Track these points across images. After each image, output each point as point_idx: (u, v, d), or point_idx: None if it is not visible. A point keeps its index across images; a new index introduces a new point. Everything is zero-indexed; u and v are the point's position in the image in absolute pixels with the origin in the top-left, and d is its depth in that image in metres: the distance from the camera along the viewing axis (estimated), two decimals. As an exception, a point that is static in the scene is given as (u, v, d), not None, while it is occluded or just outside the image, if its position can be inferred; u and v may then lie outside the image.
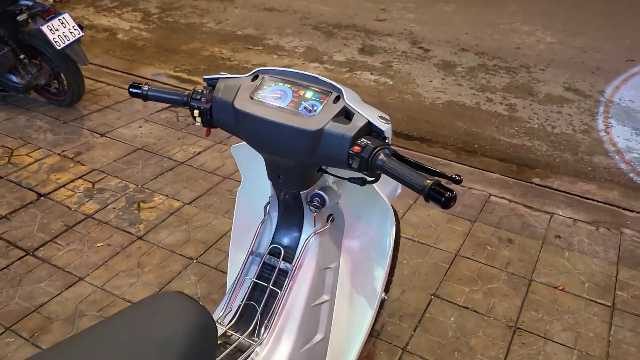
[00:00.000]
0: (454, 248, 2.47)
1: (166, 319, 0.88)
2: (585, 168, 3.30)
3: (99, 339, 0.84)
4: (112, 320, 0.87)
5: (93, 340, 0.84)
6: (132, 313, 0.89)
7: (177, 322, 0.87)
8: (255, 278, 1.23)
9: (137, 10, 5.82)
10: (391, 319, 2.07)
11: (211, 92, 1.16)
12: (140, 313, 0.89)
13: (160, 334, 0.85)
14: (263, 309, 1.20)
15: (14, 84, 3.36)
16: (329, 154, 1.03)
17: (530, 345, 1.99)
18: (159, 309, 0.90)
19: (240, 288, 1.23)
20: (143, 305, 0.90)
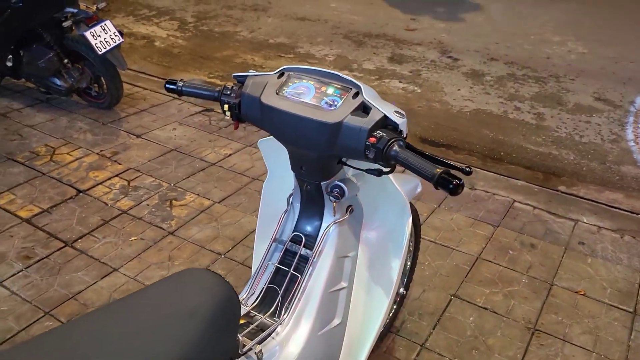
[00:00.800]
0: (475, 251, 2.50)
1: (193, 292, 0.96)
2: (612, 177, 3.28)
3: (130, 308, 0.92)
4: (143, 292, 0.95)
5: (125, 309, 0.92)
6: (162, 286, 0.98)
7: (204, 295, 0.95)
8: (277, 263, 1.31)
9: (174, 19, 6.03)
10: (411, 317, 2.12)
11: (240, 88, 1.25)
12: (170, 286, 0.98)
13: (187, 305, 0.93)
14: (284, 292, 1.28)
15: (58, 87, 3.54)
16: (348, 145, 1.11)
17: (548, 346, 2.01)
18: (187, 282, 0.98)
19: (263, 273, 1.32)
20: (172, 279, 0.99)
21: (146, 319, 0.90)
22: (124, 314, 0.91)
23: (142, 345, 0.84)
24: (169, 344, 0.85)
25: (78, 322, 0.87)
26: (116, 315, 0.91)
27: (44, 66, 3.44)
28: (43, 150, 3.20)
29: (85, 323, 0.87)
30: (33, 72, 3.54)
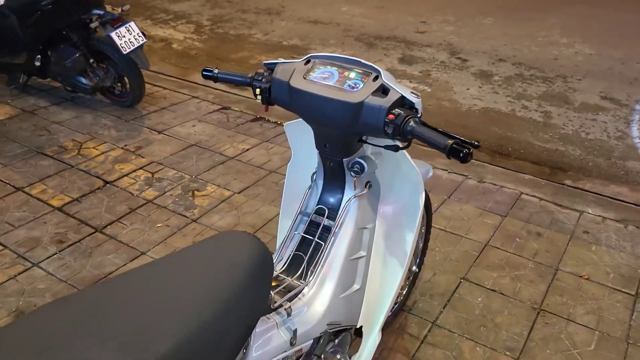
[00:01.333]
0: (484, 239, 2.62)
1: (233, 249, 1.09)
2: (617, 172, 3.39)
3: (176, 262, 1.05)
4: (187, 249, 1.09)
5: (171, 263, 1.05)
6: (204, 244, 1.11)
7: (242, 252, 1.08)
8: (303, 233, 1.44)
9: (191, 22, 6.21)
10: (422, 297, 2.24)
11: (270, 74, 1.39)
12: (211, 244, 1.11)
13: (228, 260, 1.06)
14: (309, 258, 1.41)
15: (83, 85, 3.71)
16: (369, 122, 1.24)
17: (553, 325, 2.12)
18: (227, 242, 1.12)
19: (290, 242, 1.45)
20: (213, 239, 1.12)
21: (190, 272, 1.03)
22: (171, 267, 1.04)
23: (187, 294, 0.96)
24: (212, 293, 0.97)
25: (129, 274, 1.00)
26: (163, 269, 1.04)
27: (71, 65, 3.61)
28: (70, 144, 3.37)
29: (136, 276, 1.00)
30: (60, 71, 3.71)
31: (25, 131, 3.51)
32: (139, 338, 0.85)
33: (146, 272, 1.02)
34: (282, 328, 1.25)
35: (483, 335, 2.07)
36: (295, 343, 1.27)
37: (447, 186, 3.04)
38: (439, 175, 3.15)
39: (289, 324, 1.27)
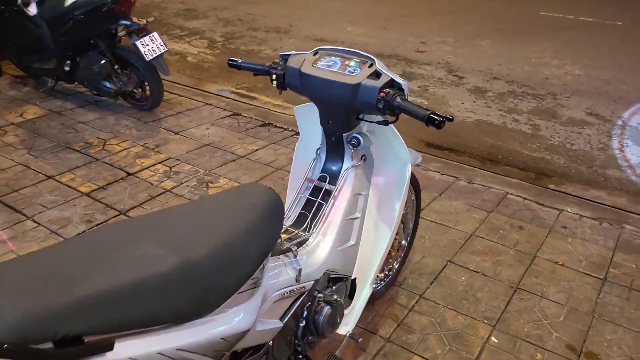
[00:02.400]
0: (470, 230, 2.89)
1: (252, 194, 1.37)
2: (598, 178, 3.67)
3: (206, 202, 1.33)
4: (215, 195, 1.37)
5: (202, 203, 1.33)
6: (228, 191, 1.39)
7: (260, 196, 1.36)
8: (308, 195, 1.73)
9: (204, 38, 6.59)
10: (412, 275, 2.51)
11: (284, 63, 1.69)
12: (234, 191, 1.39)
13: (249, 200, 1.34)
14: (312, 216, 1.69)
15: (108, 89, 4.04)
16: (364, 100, 1.54)
17: (527, 300, 2.38)
18: (247, 189, 1.40)
19: (297, 203, 1.73)
20: (235, 188, 1.41)
21: (220, 207, 1.31)
22: (204, 204, 1.32)
23: (218, 221, 1.24)
24: (235, 223, 1.25)
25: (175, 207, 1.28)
26: (199, 205, 1.32)
27: (98, 71, 3.95)
28: (95, 141, 3.68)
29: (180, 208, 1.28)
30: (87, 76, 4.04)
31: (54, 129, 3.82)
32: (184, 244, 1.13)
33: (187, 206, 1.31)
34: (289, 267, 1.52)
35: (464, 306, 2.33)
36: (299, 280, 1.54)
37: (439, 186, 3.33)
38: (432, 176, 3.44)
39: (295, 264, 1.54)
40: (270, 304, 1.43)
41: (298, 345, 1.63)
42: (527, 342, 2.15)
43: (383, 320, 2.23)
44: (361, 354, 2.06)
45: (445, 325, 2.22)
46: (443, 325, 2.22)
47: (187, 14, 7.81)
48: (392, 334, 2.16)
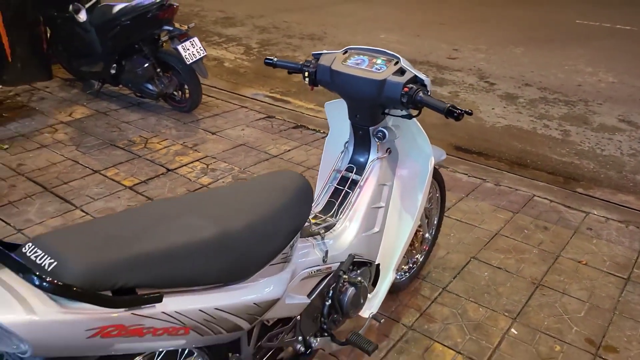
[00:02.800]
0: (495, 229, 2.96)
1: (284, 179, 1.51)
2: (627, 184, 3.68)
3: (245, 184, 1.48)
4: (253, 178, 1.51)
5: (241, 185, 1.47)
6: (263, 175, 1.53)
7: (292, 182, 1.49)
8: (336, 185, 1.86)
9: (241, 45, 6.81)
10: (435, 269, 2.60)
11: (316, 62, 1.83)
12: (268, 176, 1.53)
13: (282, 183, 1.48)
14: (339, 204, 1.81)
15: (150, 91, 4.27)
16: (389, 95, 1.66)
17: (549, 296, 2.44)
18: (280, 175, 1.54)
19: (325, 191, 1.86)
20: (272, 173, 1.54)
21: (256, 188, 1.45)
22: (242, 186, 1.46)
23: (254, 200, 1.38)
24: (269, 202, 1.39)
25: (215, 189, 1.43)
26: (237, 186, 1.46)
27: (141, 74, 4.18)
28: (138, 139, 3.89)
29: (220, 189, 1.43)
30: (131, 78, 4.28)
31: (100, 128, 4.07)
32: (223, 218, 1.28)
33: (227, 187, 1.45)
34: (316, 248, 1.65)
35: (486, 300, 2.41)
36: (326, 261, 1.66)
37: (466, 187, 3.40)
38: (459, 178, 3.52)
39: (322, 246, 1.67)
40: (298, 280, 1.56)
41: (324, 323, 1.75)
42: (547, 335, 2.21)
43: (406, 310, 2.33)
44: (384, 339, 2.16)
45: (467, 316, 2.30)
46: (464, 316, 2.30)
47: (225, 21, 8.08)
48: (415, 322, 2.26)
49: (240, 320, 1.30)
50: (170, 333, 1.15)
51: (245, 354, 1.46)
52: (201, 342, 1.26)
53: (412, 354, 2.10)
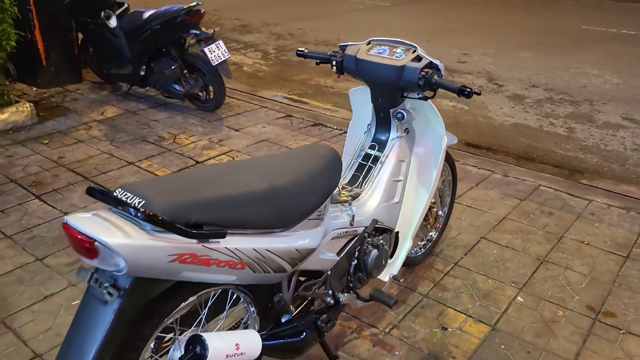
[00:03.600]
0: (503, 214, 3.18)
1: (319, 151, 1.75)
2: (630, 175, 3.88)
3: (284, 153, 1.72)
4: (291, 149, 1.75)
5: (281, 154, 1.72)
6: (301, 147, 1.77)
7: (324, 152, 1.73)
8: (360, 160, 2.10)
9: (258, 50, 7.10)
10: (448, 247, 2.82)
11: (342, 52, 2.08)
12: (305, 148, 1.78)
13: (315, 154, 1.72)
14: (363, 177, 2.05)
15: (177, 92, 4.54)
16: (408, 79, 1.90)
17: (552, 270, 2.66)
18: (315, 147, 1.78)
19: (351, 166, 2.10)
20: (306, 146, 1.79)
21: (295, 156, 1.69)
22: (282, 155, 1.71)
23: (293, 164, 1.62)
24: (306, 167, 1.63)
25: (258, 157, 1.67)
26: (278, 156, 1.71)
27: (169, 75, 4.46)
28: (167, 135, 4.16)
29: (263, 157, 1.67)
30: (160, 79, 4.56)
31: (131, 125, 4.34)
32: (272, 175, 1.52)
33: (271, 155, 1.70)
34: (344, 213, 1.89)
35: (494, 273, 2.62)
36: (352, 224, 1.90)
37: (476, 178, 3.63)
38: (469, 170, 3.74)
39: (349, 211, 1.91)
40: (329, 239, 1.80)
41: (350, 281, 1.99)
42: (550, 302, 2.42)
43: (421, 281, 2.55)
44: (402, 305, 2.39)
45: (477, 287, 2.52)
46: (474, 286, 2.52)
47: (242, 29, 8.40)
48: (429, 291, 2.48)
49: (284, 263, 1.54)
50: (230, 266, 1.40)
51: (286, 298, 1.70)
52: (253, 279, 1.50)
53: (427, 317, 2.32)
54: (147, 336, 1.41)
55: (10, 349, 2.10)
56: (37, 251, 2.70)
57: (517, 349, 2.15)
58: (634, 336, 2.24)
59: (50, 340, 2.15)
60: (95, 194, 1.27)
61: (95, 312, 1.29)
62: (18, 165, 3.60)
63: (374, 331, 2.23)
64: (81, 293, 2.40)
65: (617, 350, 2.16)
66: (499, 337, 2.22)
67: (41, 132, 4.16)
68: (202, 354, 1.36)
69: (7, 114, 4.13)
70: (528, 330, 2.26)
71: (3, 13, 3.89)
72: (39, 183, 3.37)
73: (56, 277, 2.51)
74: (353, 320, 2.29)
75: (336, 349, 2.13)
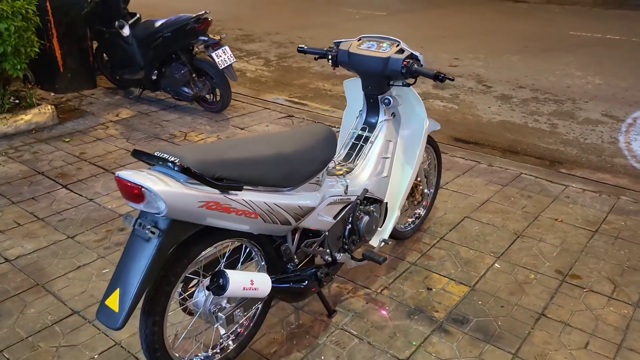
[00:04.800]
0: (486, 197, 3.50)
1: (316, 128, 2.09)
2: (605, 165, 4.21)
3: (288, 131, 2.05)
4: (294, 129, 2.09)
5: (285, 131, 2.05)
6: (301, 127, 2.11)
7: (321, 129, 2.07)
8: (353, 140, 2.43)
9: (260, 58, 7.47)
10: (434, 225, 3.15)
11: (337, 47, 2.42)
12: (305, 127, 2.11)
13: (314, 130, 2.05)
14: (356, 154, 2.38)
15: (186, 94, 4.89)
16: (393, 68, 2.24)
17: (527, 242, 2.98)
18: (313, 126, 2.11)
19: (345, 145, 2.44)
20: (306, 125, 2.13)
21: (297, 132, 2.02)
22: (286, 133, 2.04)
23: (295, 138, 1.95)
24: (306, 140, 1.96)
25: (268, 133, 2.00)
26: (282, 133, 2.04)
27: (179, 78, 4.81)
28: (178, 133, 4.51)
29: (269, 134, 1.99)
30: (170, 83, 4.91)
31: (144, 125, 4.69)
32: (279, 145, 1.85)
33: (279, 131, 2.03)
34: (339, 183, 2.22)
35: (475, 245, 2.95)
36: (346, 192, 2.23)
37: (462, 167, 3.96)
38: (457, 161, 4.07)
39: (343, 182, 2.24)
40: (326, 203, 2.13)
41: (345, 243, 2.31)
42: (524, 268, 2.74)
43: (410, 252, 2.87)
44: (391, 271, 2.71)
45: (459, 256, 2.84)
46: (457, 256, 2.85)
47: (244, 38, 8.78)
48: (417, 260, 2.80)
49: (289, 216, 1.87)
50: (246, 215, 1.73)
51: (291, 249, 2.02)
52: (263, 229, 1.83)
53: (414, 280, 2.64)
54: (178, 274, 1.73)
55: (50, 307, 2.42)
56: (68, 230, 3.02)
57: (492, 304, 2.47)
58: (596, 293, 2.55)
59: (85, 300, 2.47)
60: (139, 154, 1.61)
61: (139, 248, 1.62)
62: (44, 160, 3.94)
63: (367, 291, 2.55)
64: (110, 264, 2.73)
65: (580, 304, 2.48)
66: (477, 295, 2.54)
67: (62, 131, 4.50)
68: (224, 284, 1.69)
69: (30, 115, 4.48)
70: (503, 290, 2.58)
71: (27, 22, 4.25)
72: (64, 175, 3.71)
73: (87, 252, 2.84)
74: (349, 283, 2.61)
75: (334, 305, 2.44)
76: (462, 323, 2.35)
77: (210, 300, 1.82)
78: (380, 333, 2.29)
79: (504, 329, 2.31)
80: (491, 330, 2.31)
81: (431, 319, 2.37)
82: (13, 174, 3.71)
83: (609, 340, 2.26)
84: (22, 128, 4.43)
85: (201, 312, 1.85)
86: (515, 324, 2.35)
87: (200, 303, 1.84)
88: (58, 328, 2.30)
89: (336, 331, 2.30)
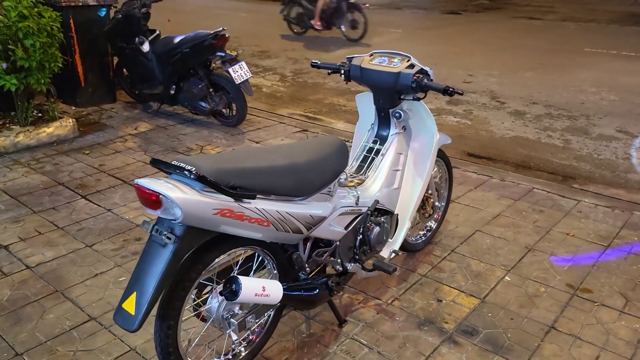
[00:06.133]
0: (497, 211, 3.52)
1: (329, 140, 2.15)
2: (619, 181, 4.20)
3: (301, 142, 2.11)
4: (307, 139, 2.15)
5: (297, 142, 2.11)
6: (315, 138, 2.17)
7: (333, 142, 2.13)
8: (364, 153, 2.49)
9: (276, 73, 7.60)
10: (446, 238, 3.17)
11: (350, 62, 2.49)
12: (318, 138, 2.17)
13: (326, 141, 2.11)
14: (367, 166, 2.44)
15: (203, 108, 5.00)
16: (403, 82, 2.30)
17: (539, 256, 2.99)
18: (325, 138, 2.18)
19: (357, 157, 2.49)
20: (319, 136, 2.19)
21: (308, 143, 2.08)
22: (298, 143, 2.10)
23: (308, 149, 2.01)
24: (318, 151, 2.02)
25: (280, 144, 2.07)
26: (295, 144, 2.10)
27: (197, 93, 4.92)
28: (195, 147, 4.60)
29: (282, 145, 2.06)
30: (188, 97, 5.03)
31: (162, 138, 4.80)
32: (292, 156, 1.91)
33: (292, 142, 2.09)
34: (350, 194, 2.27)
35: (486, 258, 2.96)
36: (358, 204, 2.28)
37: (475, 182, 3.98)
38: (469, 175, 4.10)
39: (355, 193, 2.29)
40: (337, 214, 2.18)
41: (356, 253, 2.35)
42: (534, 281, 2.76)
43: (421, 264, 2.90)
44: (402, 282, 2.74)
45: (470, 269, 2.86)
46: (468, 268, 2.87)
47: (261, 54, 8.93)
48: (428, 272, 2.83)
49: (301, 225, 1.92)
50: (259, 223, 1.78)
51: (302, 258, 2.07)
52: (276, 237, 1.89)
53: (425, 292, 2.67)
54: (193, 279, 1.79)
55: (69, 313, 2.49)
56: (86, 239, 3.11)
57: (502, 317, 2.49)
58: (607, 307, 2.56)
59: (102, 307, 2.54)
60: (157, 163, 1.68)
61: (156, 253, 1.68)
62: (64, 171, 4.06)
63: (377, 302, 2.59)
64: (126, 272, 2.80)
65: (591, 318, 2.48)
66: (487, 307, 2.55)
67: (82, 144, 4.62)
68: (237, 289, 1.74)
69: (52, 127, 4.61)
70: (513, 302, 2.59)
71: (52, 38, 4.40)
72: (83, 186, 3.81)
73: (104, 260, 2.91)
74: (360, 294, 2.64)
75: (345, 315, 2.48)
76: (471, 334, 2.37)
77: (223, 306, 1.88)
78: (390, 343, 2.32)
79: (513, 341, 2.33)
80: (500, 342, 2.32)
81: (441, 330, 2.40)
82: (35, 184, 3.82)
83: (619, 355, 2.26)
84: (44, 140, 4.56)
85: (214, 318, 1.90)
86: (525, 336, 2.36)
87: (213, 309, 1.89)
88: (75, 333, 2.36)
89: (346, 340, 2.33)
